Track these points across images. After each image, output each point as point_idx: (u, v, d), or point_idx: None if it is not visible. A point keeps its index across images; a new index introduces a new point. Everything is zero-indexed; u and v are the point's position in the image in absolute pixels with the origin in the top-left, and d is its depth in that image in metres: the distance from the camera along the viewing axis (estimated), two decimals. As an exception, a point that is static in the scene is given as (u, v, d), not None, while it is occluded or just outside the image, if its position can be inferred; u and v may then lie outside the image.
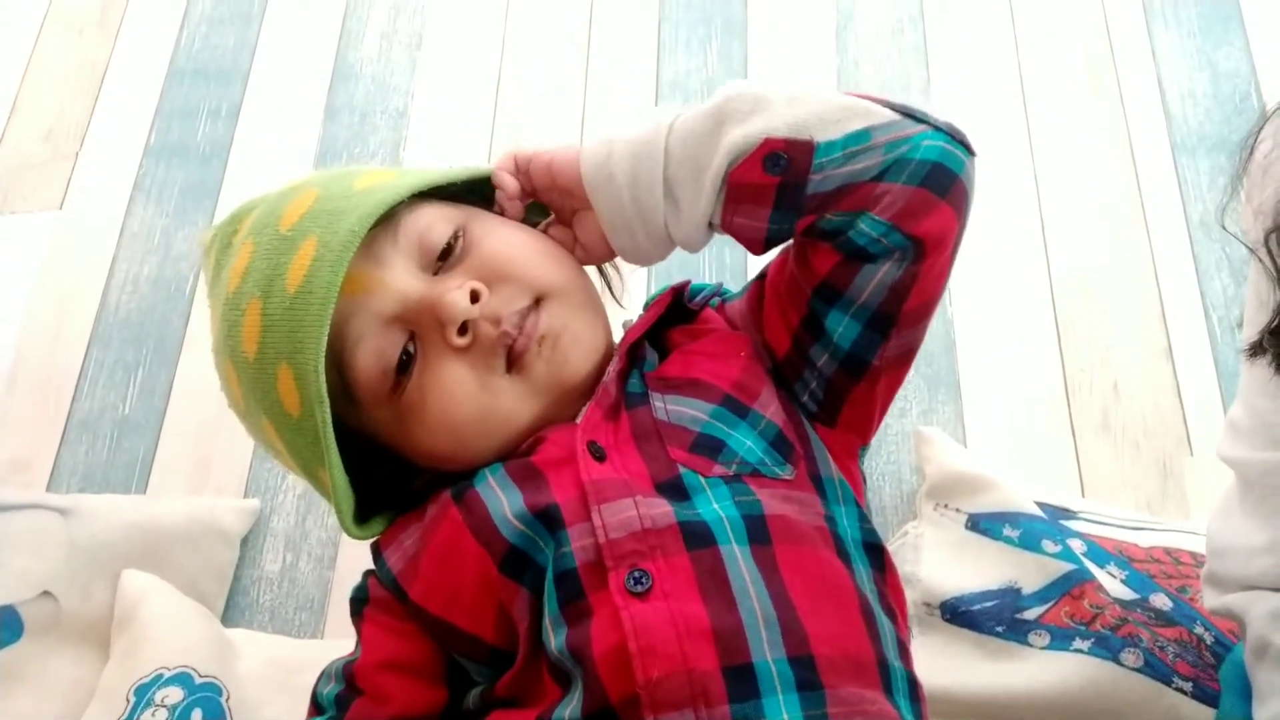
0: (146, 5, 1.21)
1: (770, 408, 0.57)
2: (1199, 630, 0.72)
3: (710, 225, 0.60)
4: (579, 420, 0.56)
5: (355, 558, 0.87)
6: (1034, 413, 0.92)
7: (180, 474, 0.92)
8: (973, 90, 1.09)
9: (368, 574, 0.60)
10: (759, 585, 0.49)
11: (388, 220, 0.56)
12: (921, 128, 0.57)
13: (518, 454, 0.57)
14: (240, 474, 0.92)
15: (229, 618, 0.86)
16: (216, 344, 0.61)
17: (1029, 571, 0.76)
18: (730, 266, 1.00)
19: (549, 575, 0.51)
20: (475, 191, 0.64)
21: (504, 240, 0.59)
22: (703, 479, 0.53)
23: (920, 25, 1.13)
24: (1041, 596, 0.74)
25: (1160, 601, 0.74)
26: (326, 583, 0.87)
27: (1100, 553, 0.78)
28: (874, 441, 0.91)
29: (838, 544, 0.54)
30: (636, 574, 0.49)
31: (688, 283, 0.66)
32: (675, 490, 0.53)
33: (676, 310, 0.65)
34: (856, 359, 0.59)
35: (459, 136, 1.09)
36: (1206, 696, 0.68)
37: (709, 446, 0.54)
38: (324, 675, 0.59)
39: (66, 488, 0.92)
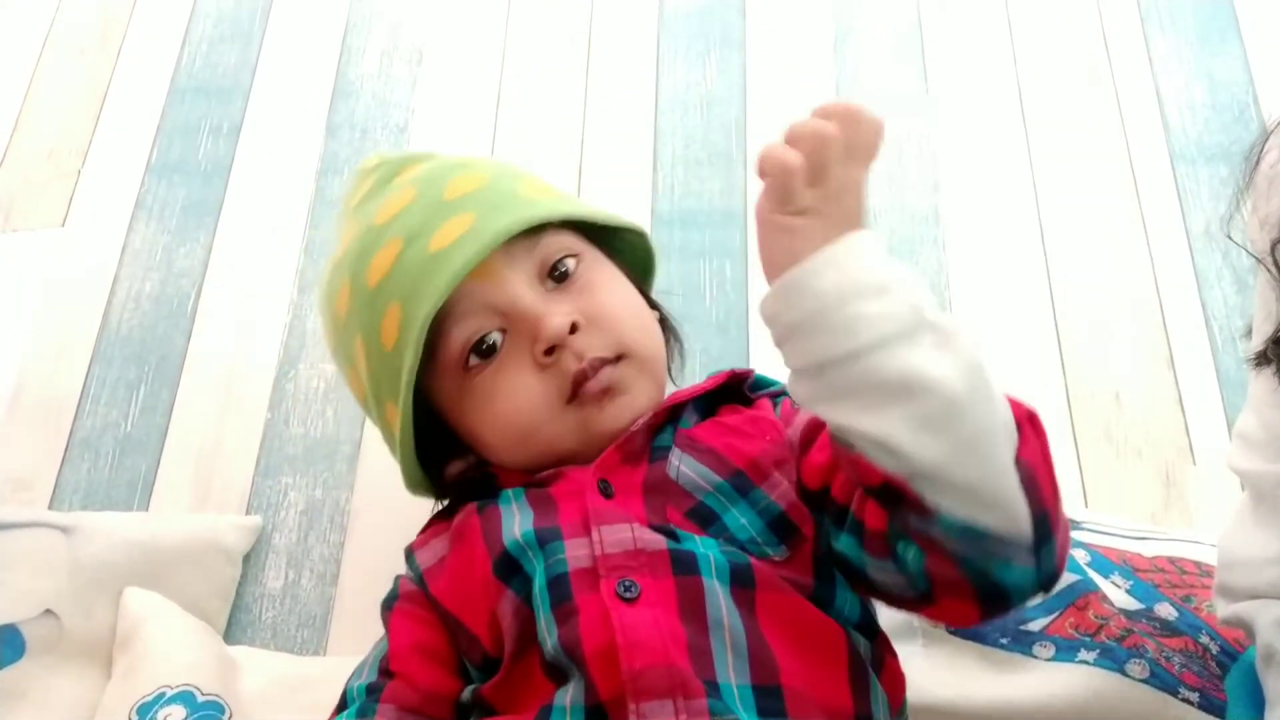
0: (148, 24, 1.21)
1: (778, 490, 0.58)
2: (1204, 640, 0.72)
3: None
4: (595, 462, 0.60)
5: (358, 574, 0.87)
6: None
7: (182, 491, 0.92)
8: (971, 102, 1.09)
9: (398, 578, 0.65)
10: (735, 619, 0.51)
11: (532, 230, 0.62)
12: (1027, 560, 0.48)
13: (539, 483, 0.61)
14: (242, 491, 0.92)
15: (231, 635, 0.85)
16: (339, 259, 0.66)
17: (1033, 583, 0.75)
18: (731, 279, 1.00)
19: (540, 581, 0.54)
20: (602, 238, 0.69)
21: (613, 291, 0.65)
22: (695, 535, 0.56)
23: (918, 37, 1.14)
24: (1046, 607, 0.74)
25: (1165, 611, 0.74)
26: (329, 600, 0.87)
27: (1104, 563, 0.78)
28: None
29: (830, 610, 0.54)
30: (627, 582, 0.52)
31: (752, 371, 0.69)
32: (667, 533, 0.55)
33: (734, 391, 0.67)
34: (844, 565, 0.57)
35: (460, 151, 1.09)
36: (1213, 707, 0.68)
37: (702, 516, 0.57)
38: (354, 674, 0.61)
39: (68, 506, 0.92)
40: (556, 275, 0.63)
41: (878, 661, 0.56)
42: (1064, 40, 1.12)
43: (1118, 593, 0.75)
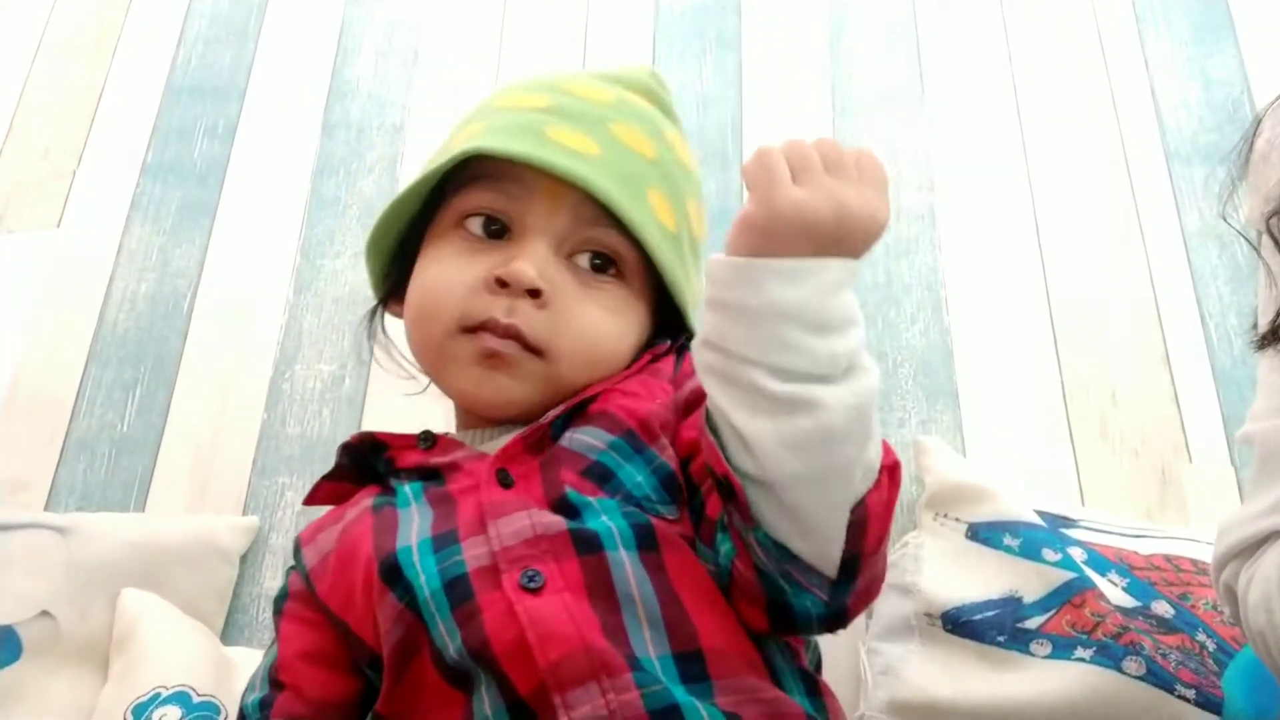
0: (143, 25, 1.21)
1: (666, 451, 0.57)
2: (1201, 637, 0.72)
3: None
4: (495, 451, 0.59)
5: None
6: (1032, 421, 0.92)
7: (179, 492, 0.92)
8: (966, 101, 1.10)
9: (289, 572, 0.63)
10: (645, 586, 0.50)
11: (612, 215, 0.60)
12: (821, 593, 0.49)
13: (435, 473, 0.60)
14: (239, 492, 0.92)
15: (228, 636, 0.85)
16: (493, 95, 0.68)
17: (1030, 580, 0.75)
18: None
19: (434, 585, 0.52)
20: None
21: (603, 318, 0.61)
22: (591, 499, 0.54)
23: (914, 36, 1.14)
24: (1043, 605, 0.74)
25: (1162, 609, 0.74)
26: (326, 599, 0.87)
27: (1101, 561, 0.78)
28: (873, 452, 0.91)
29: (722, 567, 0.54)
30: (530, 573, 0.50)
31: (665, 345, 0.66)
32: (565, 508, 0.54)
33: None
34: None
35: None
36: (1209, 704, 0.68)
37: (598, 474, 0.56)
38: (247, 688, 0.60)
39: (65, 507, 0.92)
40: (595, 264, 0.61)
41: None
42: (1059, 39, 1.13)
43: (1114, 590, 0.76)
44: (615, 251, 0.61)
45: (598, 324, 0.61)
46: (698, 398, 0.56)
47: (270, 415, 0.96)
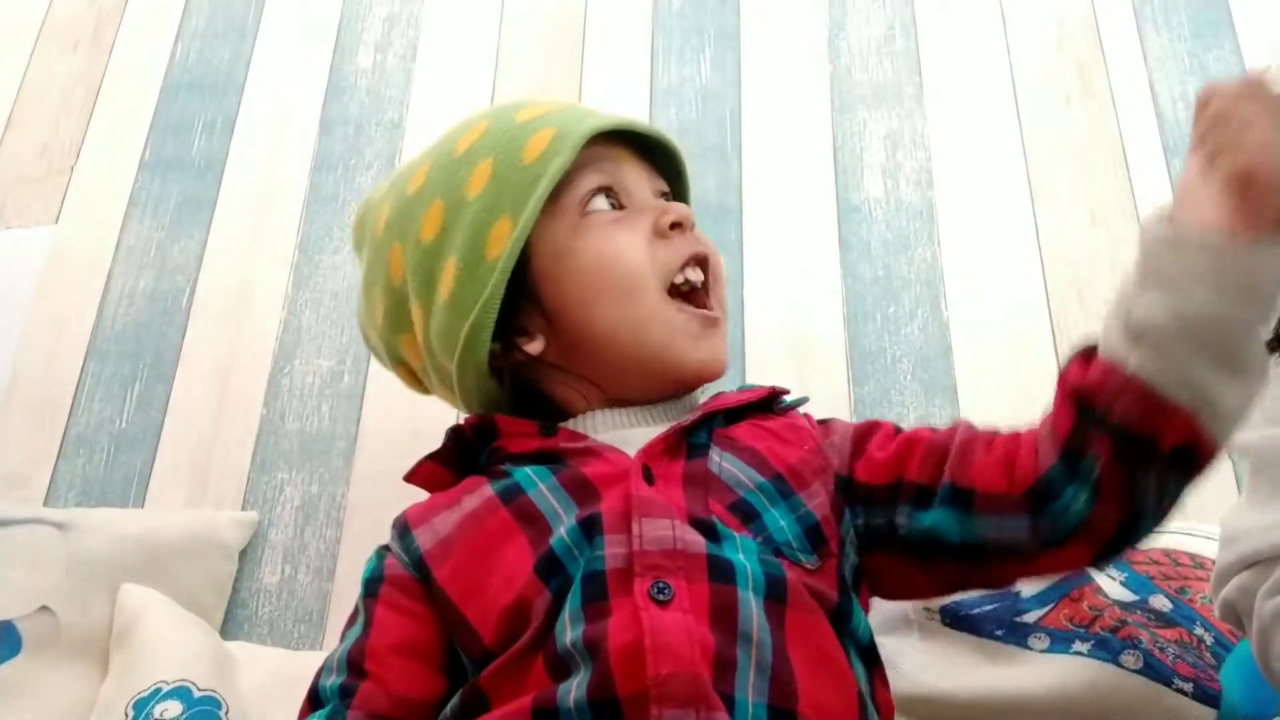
0: (141, 20, 1.21)
1: (815, 500, 0.58)
2: (1199, 631, 0.72)
3: None
4: (638, 449, 0.59)
5: (355, 569, 0.87)
6: (1031, 417, 0.92)
7: (178, 487, 0.92)
8: (965, 95, 1.10)
9: (383, 552, 0.61)
10: (764, 634, 0.50)
11: (655, 165, 0.70)
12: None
13: (558, 457, 0.59)
14: (238, 486, 0.92)
15: (228, 630, 0.85)
16: (423, 190, 0.67)
17: (1028, 575, 0.75)
18: (727, 273, 1.00)
19: (578, 576, 0.53)
20: None
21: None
22: (735, 534, 0.55)
23: (912, 31, 1.14)
24: (1041, 599, 0.74)
25: (1159, 603, 0.74)
26: (325, 595, 0.87)
27: (1099, 555, 0.78)
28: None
29: (843, 634, 0.55)
30: (661, 584, 0.51)
31: (787, 391, 0.68)
32: (707, 530, 0.54)
33: (766, 403, 0.67)
34: (929, 543, 0.58)
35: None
36: (1207, 697, 0.68)
37: (744, 512, 0.56)
38: (325, 668, 0.58)
39: (64, 502, 0.92)
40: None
41: (873, 692, 0.56)
42: (1058, 34, 1.13)
43: (1112, 584, 0.76)
44: (674, 195, 0.70)
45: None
46: (864, 432, 0.62)
47: (269, 410, 0.96)
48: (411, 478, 0.65)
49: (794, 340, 0.97)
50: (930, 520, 0.56)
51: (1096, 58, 1.11)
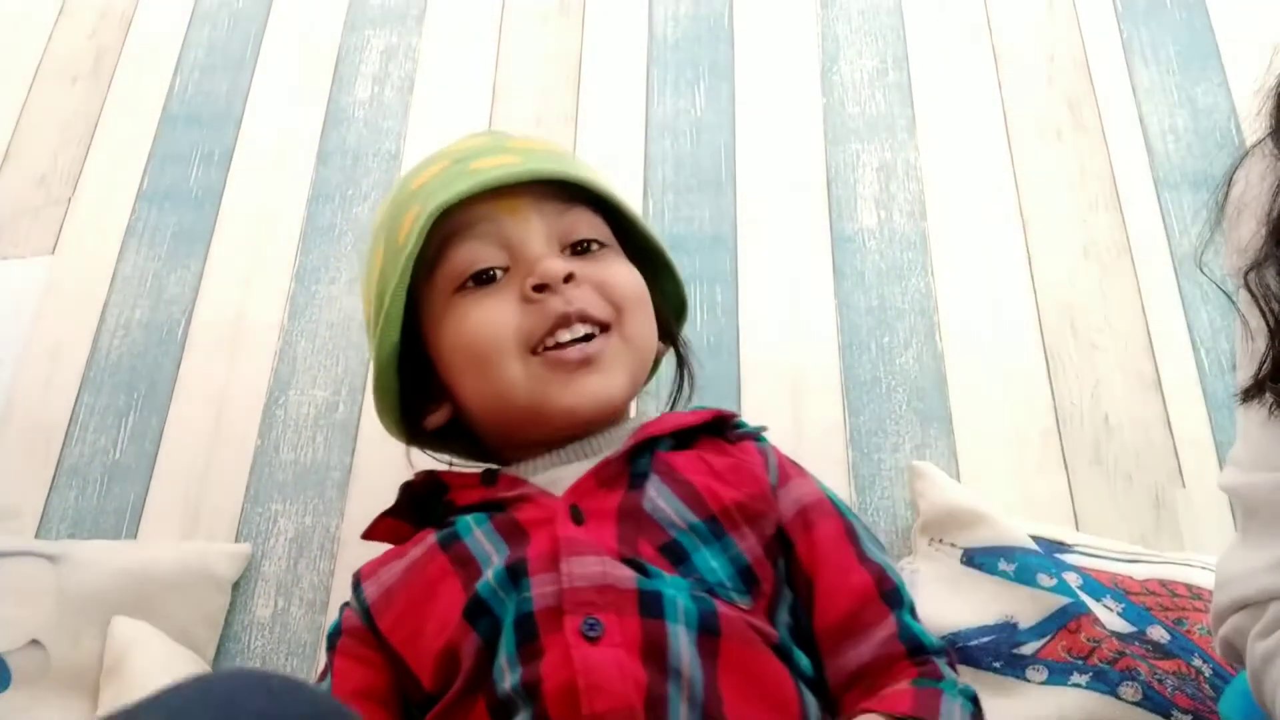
0: (139, 52, 1.22)
1: (746, 542, 0.58)
2: (1197, 662, 0.72)
3: None
4: (566, 487, 0.60)
5: (348, 601, 0.87)
6: (1026, 446, 0.93)
7: (171, 519, 0.92)
8: (957, 129, 1.11)
9: (343, 607, 0.64)
10: (695, 669, 0.51)
11: (569, 198, 0.65)
12: None
13: (499, 504, 0.60)
14: (231, 519, 0.92)
15: (220, 663, 0.85)
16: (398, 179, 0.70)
17: (1025, 606, 0.75)
18: (722, 304, 1.01)
19: (509, 620, 0.53)
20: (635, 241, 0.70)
21: (626, 271, 0.66)
22: (665, 575, 0.55)
23: (904, 66, 1.15)
24: (1038, 631, 0.74)
25: (1157, 634, 0.74)
26: (318, 628, 0.86)
27: (1096, 586, 0.78)
28: (868, 477, 0.91)
29: (789, 665, 0.55)
30: (591, 620, 0.51)
31: (736, 415, 0.68)
32: (637, 568, 0.55)
33: (716, 427, 0.67)
34: None
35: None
36: (1206, 730, 0.68)
37: (674, 554, 0.56)
38: None
39: (56, 534, 0.91)
40: (577, 249, 0.65)
41: None
42: (1048, 69, 1.14)
43: (1110, 616, 0.75)
44: (591, 228, 0.65)
45: (627, 275, 0.65)
46: (807, 518, 0.61)
47: (264, 441, 0.96)
48: (370, 535, 0.67)
49: (789, 370, 0.97)
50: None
51: (1086, 91, 1.12)
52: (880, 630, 0.56)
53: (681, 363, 0.74)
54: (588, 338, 0.62)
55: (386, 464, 0.93)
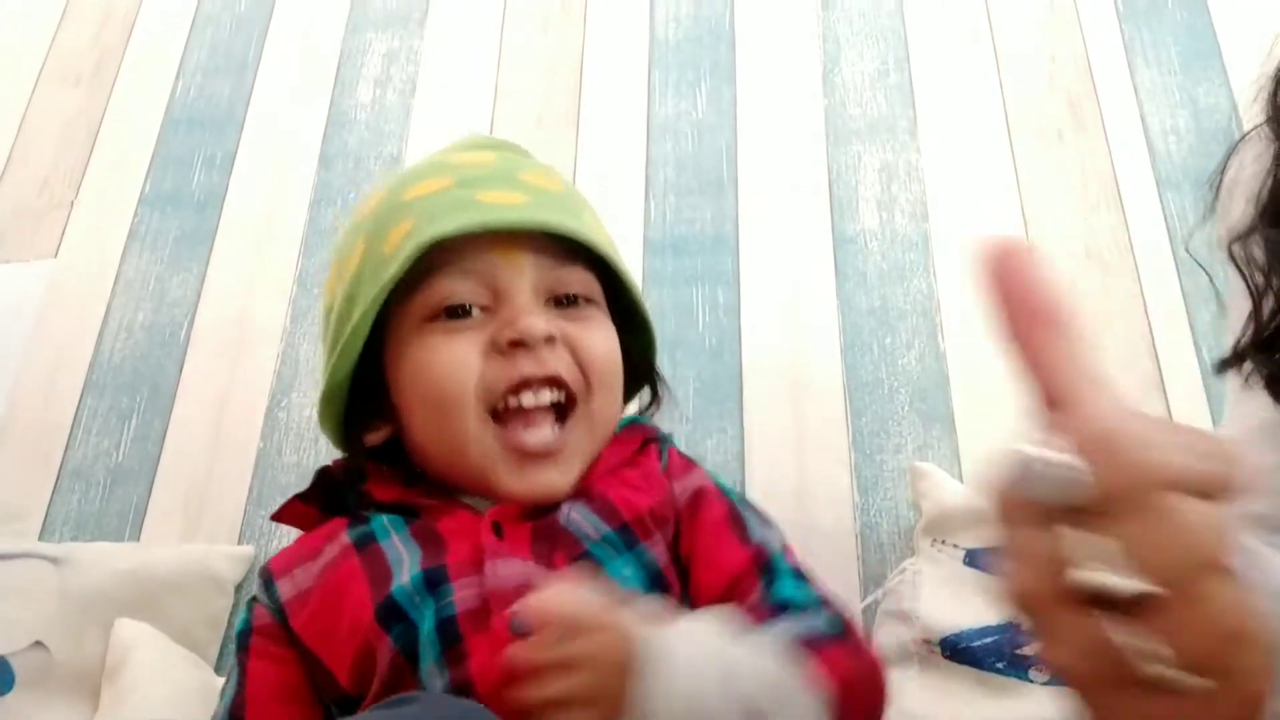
0: (142, 56, 1.22)
1: (658, 549, 0.58)
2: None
3: None
4: (488, 507, 0.59)
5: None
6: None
7: (174, 521, 0.92)
8: (958, 130, 1.11)
9: (251, 603, 0.62)
10: None
11: (568, 253, 0.61)
12: None
13: (414, 510, 0.59)
14: (234, 520, 0.92)
15: (222, 665, 0.84)
16: (397, 173, 0.66)
17: (1028, 606, 0.75)
18: (724, 305, 1.01)
19: (427, 627, 0.53)
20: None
21: (606, 340, 0.63)
22: None
23: (906, 67, 1.15)
24: (1041, 632, 0.74)
25: (1160, 635, 0.74)
26: (321, 629, 0.86)
27: (1099, 586, 0.78)
28: (871, 478, 0.91)
29: None
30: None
31: (654, 430, 0.67)
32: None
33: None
34: None
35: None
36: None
37: (588, 567, 0.56)
38: None
39: (59, 536, 0.91)
40: (563, 302, 0.62)
41: None
42: (1049, 69, 1.14)
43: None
44: (582, 285, 0.62)
45: (606, 343, 0.62)
46: (694, 505, 0.60)
47: (266, 444, 0.96)
48: (279, 517, 0.65)
49: (791, 371, 0.97)
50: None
51: (1088, 91, 1.12)
52: (751, 597, 0.57)
53: (654, 390, 0.71)
54: (554, 406, 0.59)
55: (389, 466, 0.94)
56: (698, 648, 0.48)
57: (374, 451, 0.65)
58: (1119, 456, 0.27)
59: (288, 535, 0.91)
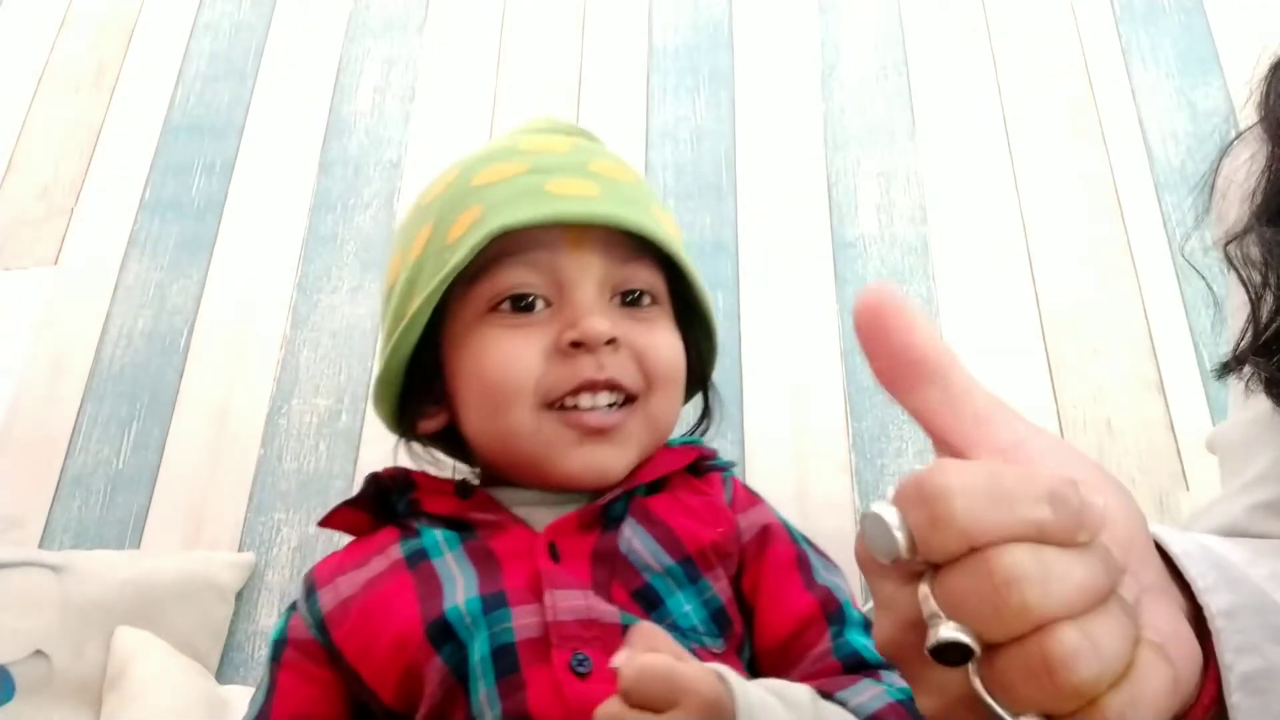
0: (142, 63, 1.22)
1: (720, 584, 0.57)
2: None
3: None
4: (541, 521, 0.58)
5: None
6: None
7: (174, 529, 0.92)
8: (957, 134, 1.11)
9: (289, 611, 0.60)
10: None
11: (636, 249, 0.60)
12: None
13: (468, 525, 0.59)
14: (234, 528, 0.92)
15: (224, 674, 0.84)
16: (466, 156, 0.65)
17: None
18: (724, 309, 1.01)
19: (482, 651, 0.51)
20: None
21: (670, 344, 0.61)
22: (638, 619, 0.54)
23: (904, 71, 1.15)
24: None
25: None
26: (322, 636, 0.86)
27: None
28: (871, 482, 0.91)
29: None
30: (580, 656, 0.50)
31: (712, 452, 0.66)
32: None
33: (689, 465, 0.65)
34: None
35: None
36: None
37: (647, 599, 0.55)
38: None
39: (60, 544, 0.91)
40: (628, 300, 0.60)
41: None
42: (1048, 73, 1.14)
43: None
44: (648, 282, 0.61)
45: (670, 347, 0.61)
46: (761, 543, 0.59)
47: (266, 451, 0.96)
48: (327, 523, 0.64)
49: (790, 376, 0.97)
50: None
51: (1086, 95, 1.12)
52: (818, 648, 0.55)
53: (707, 404, 0.71)
54: (610, 405, 0.58)
55: (389, 472, 0.94)
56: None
57: (430, 435, 0.64)
58: (928, 509, 0.27)
59: (288, 543, 0.91)
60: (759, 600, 0.58)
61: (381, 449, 0.94)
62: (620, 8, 1.22)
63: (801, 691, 0.48)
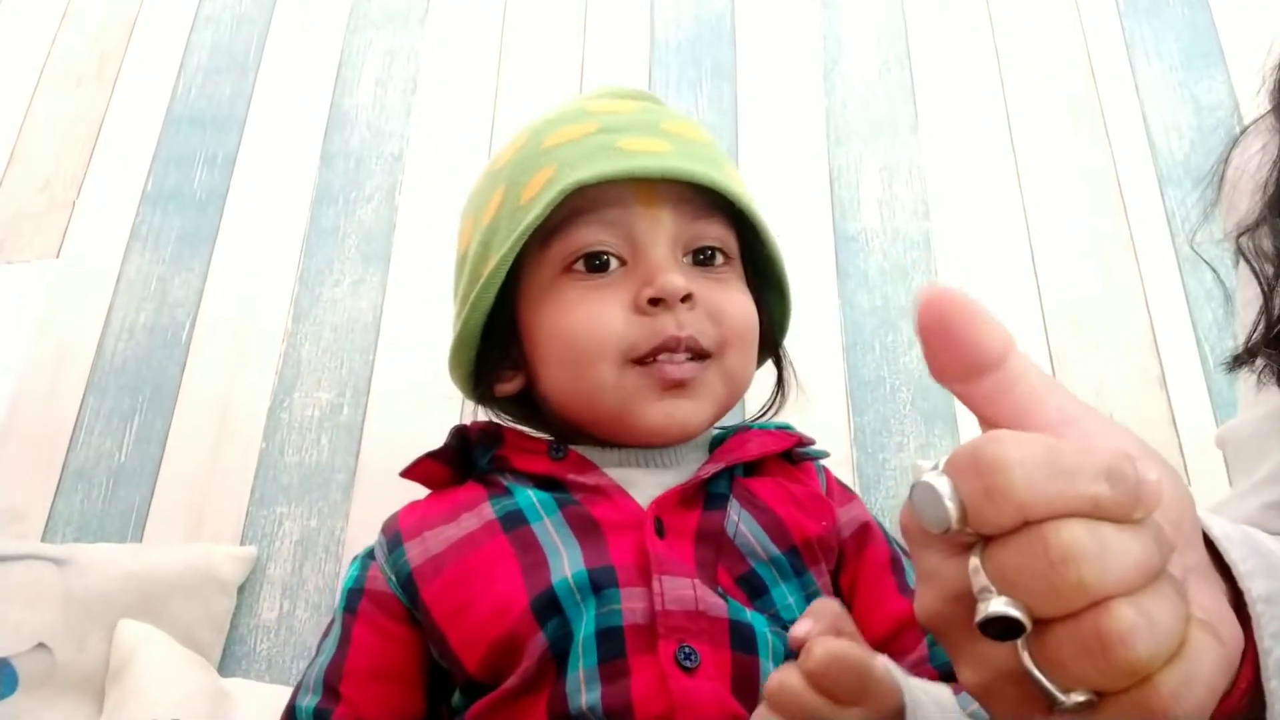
0: (143, 55, 1.22)
1: (823, 579, 0.57)
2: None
3: None
4: (639, 489, 0.57)
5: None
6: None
7: (176, 522, 0.92)
8: (960, 128, 1.11)
9: (367, 561, 0.60)
10: None
11: (709, 205, 0.60)
12: None
13: (563, 486, 0.58)
14: (237, 521, 0.92)
15: (226, 667, 0.85)
16: (535, 119, 0.65)
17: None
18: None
19: (587, 630, 0.50)
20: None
21: (742, 302, 0.61)
22: (742, 607, 0.53)
23: (907, 65, 1.15)
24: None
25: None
26: (324, 629, 0.86)
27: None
28: (872, 476, 0.91)
29: None
30: (687, 649, 0.49)
31: (809, 439, 0.66)
32: (721, 595, 0.53)
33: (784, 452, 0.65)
34: None
35: (454, 180, 1.10)
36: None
37: (752, 586, 0.54)
38: (302, 686, 0.57)
39: (62, 538, 0.92)
40: (701, 258, 0.60)
41: None
42: (1050, 67, 1.14)
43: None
44: (720, 239, 0.61)
45: (743, 306, 0.61)
46: (860, 540, 0.59)
47: (268, 444, 0.96)
48: (409, 473, 0.64)
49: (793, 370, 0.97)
50: None
51: (1089, 88, 1.12)
52: (913, 655, 0.55)
53: (781, 376, 0.71)
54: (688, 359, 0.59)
55: (391, 465, 0.94)
56: None
57: (504, 400, 0.64)
58: (984, 480, 0.26)
59: (290, 536, 0.91)
60: (856, 600, 0.57)
61: (384, 443, 0.95)
62: (623, 1, 1.22)
63: (946, 695, 0.46)
